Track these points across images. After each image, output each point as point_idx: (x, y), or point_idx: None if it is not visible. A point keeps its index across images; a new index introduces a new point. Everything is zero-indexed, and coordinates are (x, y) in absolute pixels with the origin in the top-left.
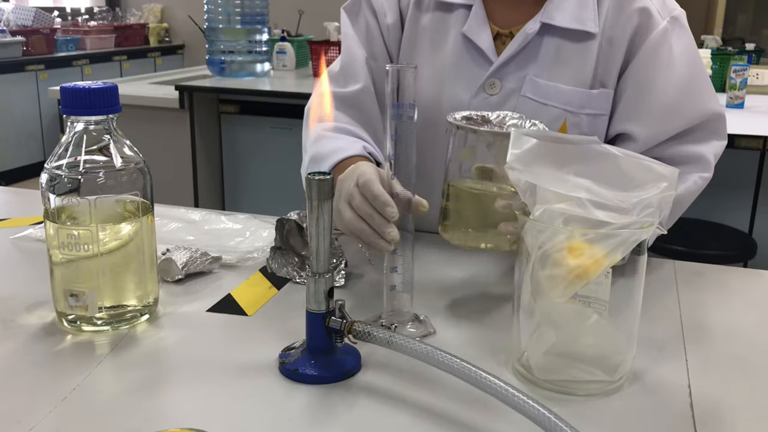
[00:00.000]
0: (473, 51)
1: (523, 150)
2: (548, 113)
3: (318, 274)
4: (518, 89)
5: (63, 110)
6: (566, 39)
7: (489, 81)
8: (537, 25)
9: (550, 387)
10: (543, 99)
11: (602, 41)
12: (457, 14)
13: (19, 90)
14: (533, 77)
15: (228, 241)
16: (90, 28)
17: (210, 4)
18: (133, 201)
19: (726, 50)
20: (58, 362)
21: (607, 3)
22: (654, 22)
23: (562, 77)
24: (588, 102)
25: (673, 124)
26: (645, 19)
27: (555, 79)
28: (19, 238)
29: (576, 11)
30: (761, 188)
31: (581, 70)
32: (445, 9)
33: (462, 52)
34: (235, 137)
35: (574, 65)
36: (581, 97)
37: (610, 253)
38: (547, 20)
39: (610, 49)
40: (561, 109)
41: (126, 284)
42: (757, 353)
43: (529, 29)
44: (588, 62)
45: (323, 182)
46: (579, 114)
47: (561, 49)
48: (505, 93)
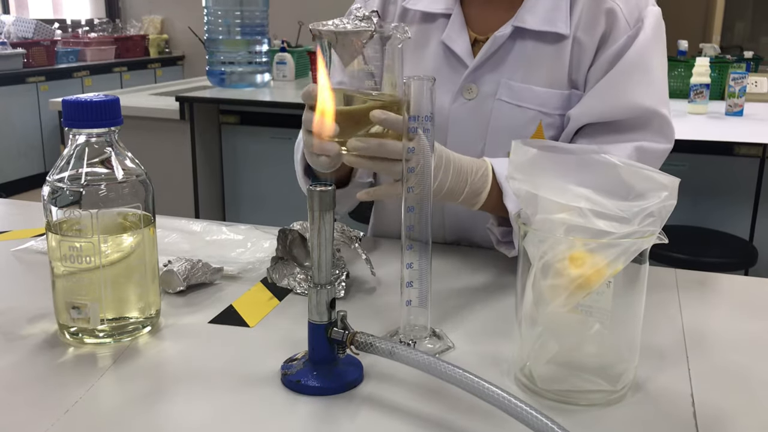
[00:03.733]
0: (451, 57)
1: (524, 160)
2: (524, 115)
3: (320, 285)
4: (494, 93)
5: (65, 123)
6: (539, 41)
7: (466, 86)
8: (508, 30)
9: (553, 397)
10: (518, 101)
11: (574, 43)
12: (438, 23)
13: (19, 102)
14: (507, 80)
15: (229, 252)
16: (90, 39)
17: (210, 15)
18: (134, 213)
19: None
20: (60, 375)
21: (581, 4)
22: (619, 29)
23: (537, 79)
24: (561, 103)
25: (600, 104)
26: (611, 23)
27: (529, 81)
28: (21, 251)
29: (547, 13)
30: (761, 195)
31: (555, 72)
32: (428, 20)
33: (441, 59)
34: (236, 148)
35: (548, 67)
36: (555, 99)
37: (612, 263)
38: (519, 24)
39: (580, 50)
40: (536, 110)
41: (128, 296)
42: (760, 361)
43: (499, 33)
44: (561, 64)
45: (325, 193)
46: (553, 115)
47: (534, 52)
48: (481, 97)
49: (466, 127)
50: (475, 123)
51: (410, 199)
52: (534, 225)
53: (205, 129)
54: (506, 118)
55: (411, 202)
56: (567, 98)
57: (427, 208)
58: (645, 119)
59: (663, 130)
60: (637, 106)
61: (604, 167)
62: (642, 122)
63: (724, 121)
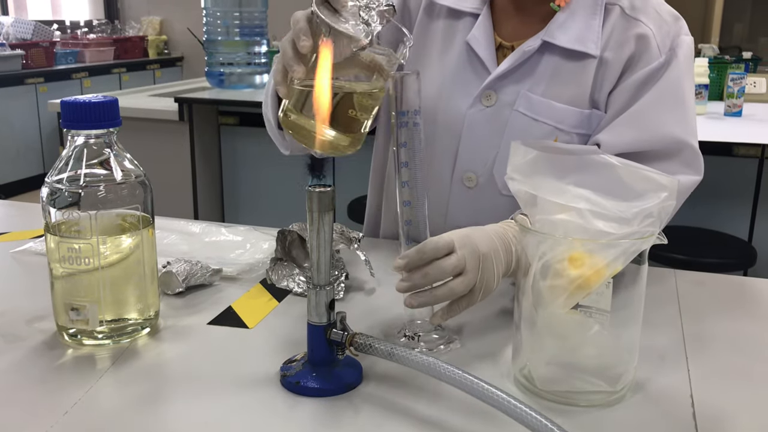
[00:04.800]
0: (474, 60)
1: (523, 161)
2: (540, 129)
3: (319, 287)
4: (513, 103)
5: (64, 124)
6: (566, 58)
7: (485, 92)
8: (537, 43)
9: (553, 398)
10: (535, 115)
11: (600, 63)
12: (464, 21)
13: (18, 103)
14: (528, 92)
15: (228, 253)
16: (89, 41)
17: (209, 16)
18: (133, 214)
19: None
20: (59, 376)
21: (611, 24)
22: (650, 54)
23: (558, 95)
24: (580, 122)
25: (632, 133)
26: (642, 48)
27: (550, 96)
28: (20, 252)
29: (579, 32)
30: (760, 196)
31: (578, 90)
32: (455, 16)
33: (464, 59)
34: (235, 149)
35: (572, 85)
36: (574, 117)
37: (611, 263)
38: (549, 39)
39: (605, 70)
40: (552, 126)
41: (127, 297)
42: (760, 362)
43: (527, 47)
44: (585, 83)
45: (324, 194)
46: (570, 133)
47: (559, 68)
48: (500, 105)
49: (480, 134)
50: (491, 131)
51: (405, 194)
52: (533, 226)
53: (204, 130)
54: (522, 130)
55: (406, 197)
56: (587, 117)
57: (422, 201)
58: (676, 150)
59: (693, 163)
60: (669, 137)
61: (603, 168)
62: (672, 153)
63: (723, 121)
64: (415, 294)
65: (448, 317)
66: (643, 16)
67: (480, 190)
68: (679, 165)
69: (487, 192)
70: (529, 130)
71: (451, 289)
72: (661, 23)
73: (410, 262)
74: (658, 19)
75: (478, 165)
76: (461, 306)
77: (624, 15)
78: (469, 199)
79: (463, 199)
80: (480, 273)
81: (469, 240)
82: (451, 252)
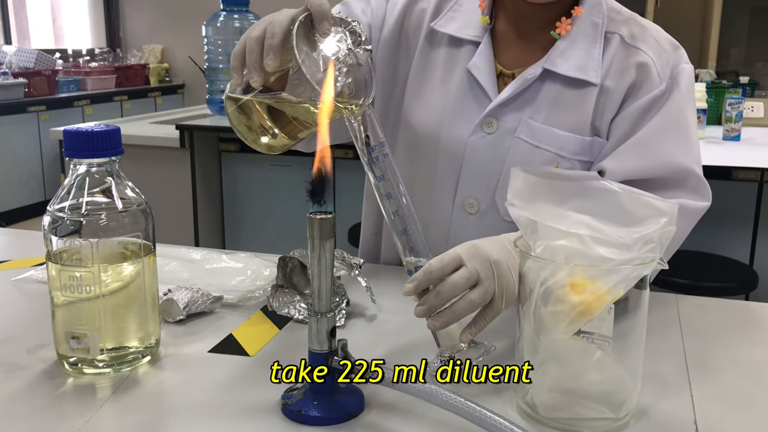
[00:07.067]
0: (476, 88)
1: (523, 187)
2: (541, 156)
3: (320, 314)
4: (514, 130)
5: (66, 153)
6: (566, 86)
7: (486, 120)
8: (538, 71)
9: (556, 425)
10: (536, 142)
11: (600, 91)
12: (465, 49)
13: (20, 131)
14: (529, 120)
15: (229, 280)
16: (91, 69)
17: (210, 44)
18: (134, 242)
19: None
20: (59, 406)
21: (612, 52)
22: (651, 83)
23: (559, 123)
24: (582, 149)
25: (637, 161)
26: (643, 76)
27: (551, 123)
28: (21, 280)
29: (580, 60)
30: (760, 219)
31: (579, 118)
32: (456, 44)
33: (466, 87)
34: (236, 175)
35: (573, 112)
36: (575, 144)
37: (613, 289)
38: (550, 67)
39: (606, 98)
40: (554, 153)
41: (128, 325)
42: (763, 387)
43: (528, 74)
44: (586, 110)
45: (325, 221)
46: (572, 160)
47: (560, 96)
48: (501, 133)
49: (482, 161)
50: (492, 158)
51: (398, 224)
52: (534, 252)
53: (205, 157)
54: (523, 157)
55: (401, 226)
56: (588, 145)
57: (416, 225)
58: (681, 178)
59: (699, 190)
60: (673, 165)
61: (603, 194)
62: (678, 181)
63: (722, 145)
64: (436, 315)
65: (476, 331)
66: (642, 45)
67: (482, 217)
68: (686, 192)
69: (489, 218)
70: (530, 157)
71: (470, 301)
72: (661, 51)
73: (419, 284)
74: (658, 47)
75: (479, 192)
76: (487, 317)
77: (624, 43)
78: (471, 226)
79: (465, 226)
80: (496, 280)
81: (477, 250)
82: (460, 266)
